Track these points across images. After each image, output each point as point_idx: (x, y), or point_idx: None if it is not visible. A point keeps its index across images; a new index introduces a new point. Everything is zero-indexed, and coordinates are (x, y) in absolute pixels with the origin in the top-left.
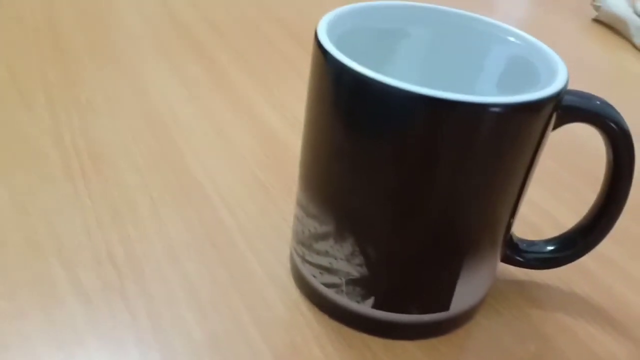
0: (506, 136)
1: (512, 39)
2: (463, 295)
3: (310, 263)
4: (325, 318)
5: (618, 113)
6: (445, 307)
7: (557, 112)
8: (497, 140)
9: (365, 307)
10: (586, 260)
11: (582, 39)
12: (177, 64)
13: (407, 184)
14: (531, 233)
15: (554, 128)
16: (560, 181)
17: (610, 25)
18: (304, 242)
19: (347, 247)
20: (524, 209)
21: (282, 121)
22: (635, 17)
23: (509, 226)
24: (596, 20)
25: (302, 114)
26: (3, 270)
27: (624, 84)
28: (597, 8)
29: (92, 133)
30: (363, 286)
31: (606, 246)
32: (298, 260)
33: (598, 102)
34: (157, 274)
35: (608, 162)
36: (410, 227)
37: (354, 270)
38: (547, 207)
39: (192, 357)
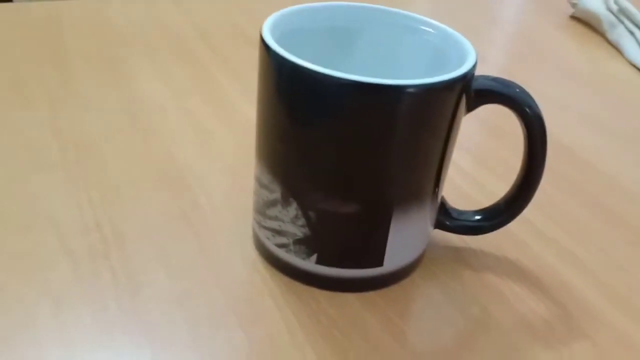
0: (420, 112)
1: (431, 30)
2: (395, 253)
3: (265, 227)
4: (278, 275)
5: (532, 99)
6: (379, 262)
7: (468, 94)
8: (412, 115)
9: (310, 264)
10: (515, 228)
11: (560, 35)
12: (162, 65)
13: (339, 156)
14: (468, 203)
15: (472, 108)
16: (496, 157)
17: (586, 21)
18: (259, 209)
19: (292, 211)
20: (460, 181)
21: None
22: (608, 13)
23: (434, 191)
24: (573, 17)
25: None
26: (8, 238)
27: (598, 79)
28: (573, 5)
29: (86, 127)
30: (307, 245)
31: (533, 215)
32: (256, 227)
33: (515, 89)
34: (136, 243)
35: (525, 142)
36: (343, 192)
37: (299, 231)
38: (481, 180)
39: (163, 310)
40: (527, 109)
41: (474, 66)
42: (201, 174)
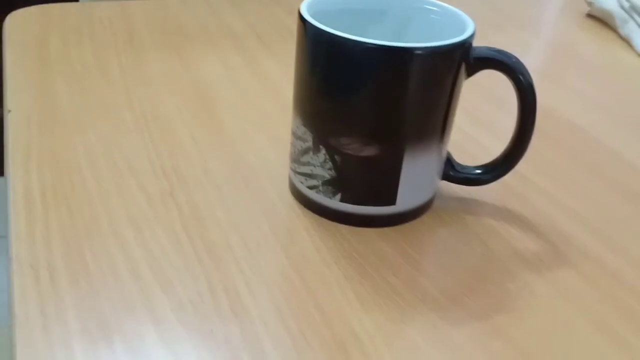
0: (426, 70)
1: (437, 9)
2: (406, 194)
3: (299, 173)
4: (309, 213)
5: (526, 69)
6: (393, 201)
7: (468, 59)
8: (420, 73)
9: (335, 202)
10: (510, 181)
11: (577, 32)
12: (219, 53)
13: (361, 107)
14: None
15: (472, 72)
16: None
17: (602, 19)
18: (294, 158)
19: (321, 156)
20: (465, 142)
21: None
22: (620, 10)
23: (440, 140)
24: (589, 15)
25: None
26: (97, 186)
27: (613, 73)
28: (589, 4)
29: (155, 101)
30: (333, 185)
31: (527, 170)
32: (291, 174)
33: (512, 58)
34: (197, 185)
35: (518, 105)
36: (363, 137)
37: (326, 173)
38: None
39: (219, 233)
40: (521, 77)
41: (472, 35)
42: (249, 136)
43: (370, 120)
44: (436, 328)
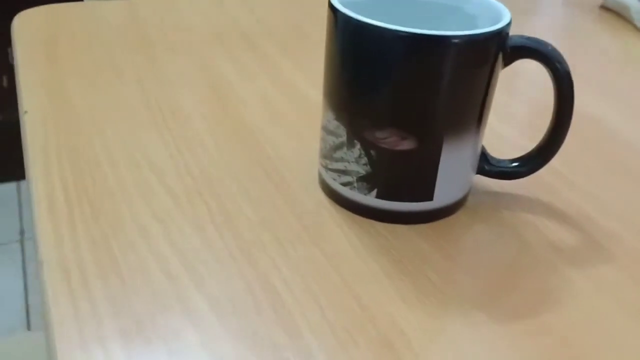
0: (463, 60)
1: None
2: (443, 190)
3: (331, 170)
4: (342, 210)
5: (562, 56)
6: (430, 197)
7: (504, 48)
8: (457, 62)
9: (371, 198)
10: (544, 175)
11: (591, 24)
12: (231, 52)
13: (398, 99)
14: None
15: (508, 62)
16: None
17: (615, 10)
18: (326, 154)
19: (356, 151)
20: (496, 141)
21: (312, 89)
22: (635, 1)
23: (476, 133)
24: (603, 7)
25: None
26: (118, 183)
27: (629, 63)
28: None
29: (171, 99)
30: (368, 181)
31: (561, 166)
32: (322, 171)
33: (548, 47)
34: (222, 184)
35: (555, 94)
36: (400, 131)
37: (362, 169)
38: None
39: (250, 231)
40: (558, 65)
41: (509, 24)
42: (268, 134)
43: (407, 113)
44: (479, 324)
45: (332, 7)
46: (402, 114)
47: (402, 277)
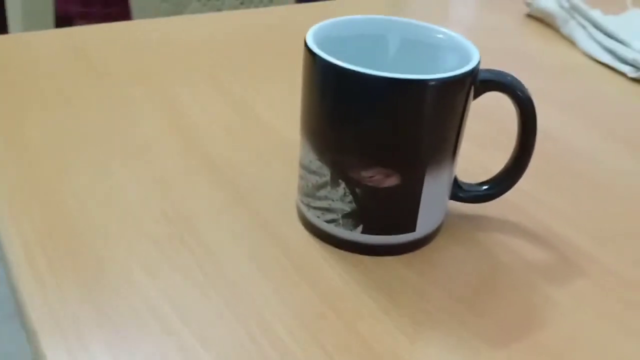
0: (442, 99)
1: (442, 36)
2: (424, 220)
3: (314, 207)
4: (326, 246)
5: (522, 84)
6: (413, 228)
7: (475, 84)
8: (437, 102)
9: (356, 234)
10: (511, 196)
11: (518, 32)
12: (190, 78)
13: (382, 140)
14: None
15: (476, 96)
16: (488, 140)
17: (541, 18)
18: (308, 192)
19: (340, 190)
20: (464, 164)
21: (276, 118)
22: (560, 10)
23: (452, 164)
24: (529, 16)
25: (287, 110)
26: (100, 227)
27: (562, 72)
28: (528, 5)
29: (131, 132)
30: (354, 217)
31: (525, 184)
32: (304, 208)
33: (508, 77)
34: (201, 222)
35: (518, 122)
36: (384, 170)
37: (347, 206)
38: (481, 159)
39: (237, 272)
40: (520, 93)
41: (479, 62)
42: (239, 166)
43: (392, 152)
44: (480, 349)
45: (309, 51)
46: (387, 153)
47: (399, 311)
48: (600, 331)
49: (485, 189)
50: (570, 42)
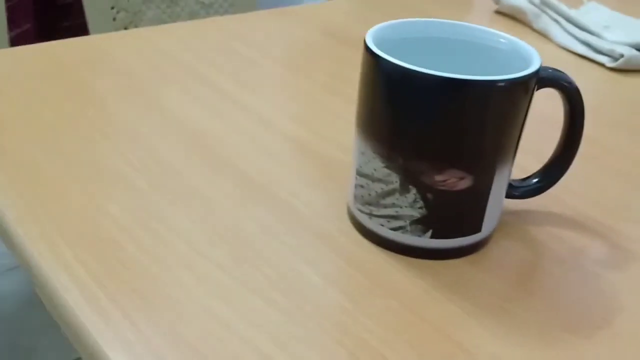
0: (509, 100)
1: (502, 40)
2: (489, 220)
3: (378, 216)
4: (392, 255)
5: (568, 76)
6: (479, 229)
7: (537, 84)
8: (504, 103)
9: (425, 239)
10: (554, 190)
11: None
12: (189, 91)
13: (454, 143)
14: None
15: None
16: None
17: (511, 15)
18: (371, 201)
19: (410, 196)
20: None
21: (290, 124)
22: (531, 6)
23: (513, 163)
24: (498, 12)
25: (308, 119)
26: (149, 257)
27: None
28: (497, 1)
29: (144, 151)
30: (423, 223)
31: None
32: (363, 217)
33: (557, 71)
34: (258, 242)
35: (566, 112)
36: (458, 172)
37: (416, 212)
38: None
39: (314, 293)
40: (567, 84)
41: (541, 63)
42: (269, 177)
43: (465, 155)
44: (576, 344)
45: (372, 53)
46: (461, 156)
47: (485, 313)
48: None
49: (535, 183)
50: (543, 36)
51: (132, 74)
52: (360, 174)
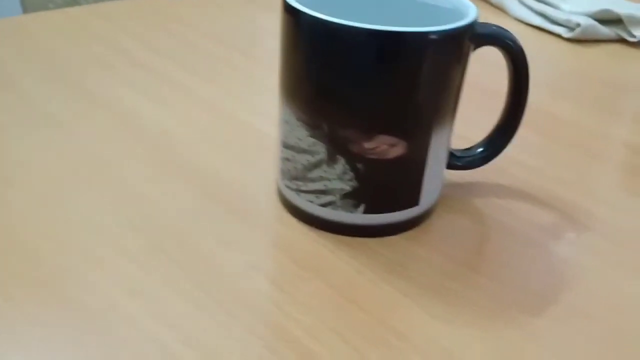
0: (443, 54)
1: None
2: (427, 192)
3: (306, 191)
4: (325, 234)
5: (513, 35)
6: (416, 202)
7: (472, 39)
8: (437, 57)
9: (358, 215)
10: (498, 160)
11: None
12: (134, 82)
13: (382, 104)
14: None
15: (473, 50)
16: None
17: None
18: (297, 175)
19: (339, 167)
20: None
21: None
22: None
23: (451, 126)
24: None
25: (234, 103)
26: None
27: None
28: None
29: (90, 151)
30: (354, 197)
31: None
32: (291, 194)
33: (500, 29)
34: (185, 228)
35: (510, 76)
36: (389, 138)
37: (346, 185)
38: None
39: (236, 280)
40: (511, 43)
41: (478, 15)
42: (207, 161)
43: (396, 117)
44: (523, 323)
45: (291, 9)
46: (391, 119)
47: (421, 292)
48: (633, 284)
49: (479, 152)
50: (499, 9)
51: (56, 56)
52: (285, 145)
